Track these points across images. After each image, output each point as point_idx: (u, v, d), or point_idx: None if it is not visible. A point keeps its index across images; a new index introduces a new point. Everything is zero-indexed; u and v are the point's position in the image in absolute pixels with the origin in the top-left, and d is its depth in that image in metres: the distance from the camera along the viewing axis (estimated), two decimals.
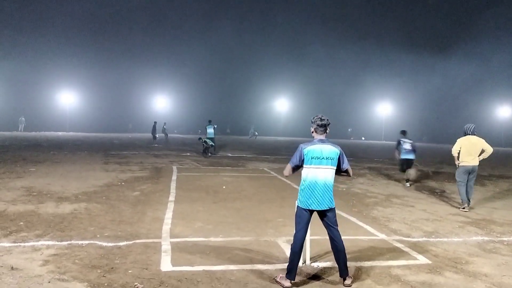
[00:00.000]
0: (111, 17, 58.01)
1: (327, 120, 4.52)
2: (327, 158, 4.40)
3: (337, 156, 4.48)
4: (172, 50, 56.33)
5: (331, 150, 4.43)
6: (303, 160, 4.45)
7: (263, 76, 56.62)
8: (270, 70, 57.25)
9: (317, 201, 4.38)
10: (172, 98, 55.02)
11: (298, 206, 4.53)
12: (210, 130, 21.32)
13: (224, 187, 10.28)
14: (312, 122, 4.54)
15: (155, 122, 28.67)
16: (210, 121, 22.03)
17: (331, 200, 4.44)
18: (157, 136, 29.60)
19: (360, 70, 58.37)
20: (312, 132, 4.56)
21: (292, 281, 4.29)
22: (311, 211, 4.45)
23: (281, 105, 58.36)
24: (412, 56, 55.75)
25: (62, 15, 55.79)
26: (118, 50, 54.98)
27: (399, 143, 12.36)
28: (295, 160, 4.50)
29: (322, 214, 4.48)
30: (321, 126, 4.49)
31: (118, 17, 58.47)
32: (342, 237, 4.56)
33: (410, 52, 56.39)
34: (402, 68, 55.16)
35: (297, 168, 4.57)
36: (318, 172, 4.40)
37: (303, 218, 4.44)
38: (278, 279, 4.35)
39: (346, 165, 4.60)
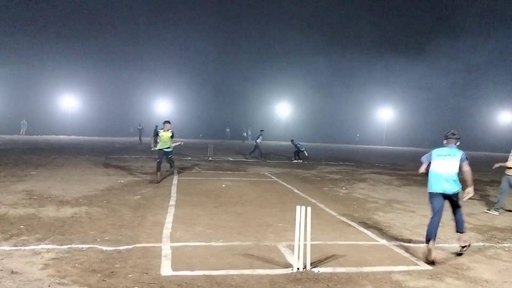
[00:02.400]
0: (114, 21, 58.18)
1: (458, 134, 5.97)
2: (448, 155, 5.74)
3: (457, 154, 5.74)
4: (174, 54, 56.46)
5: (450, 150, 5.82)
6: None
7: (265, 80, 56.69)
8: (271, 75, 57.34)
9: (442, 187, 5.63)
10: (174, 102, 55.10)
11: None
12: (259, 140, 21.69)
13: (223, 185, 10.35)
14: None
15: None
16: (262, 131, 22.33)
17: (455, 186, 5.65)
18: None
19: (361, 75, 58.49)
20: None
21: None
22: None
23: (282, 110, 58.40)
24: (412, 60, 55.87)
25: (65, 19, 56.01)
26: (120, 54, 55.12)
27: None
28: (424, 158, 6.28)
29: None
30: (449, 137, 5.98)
31: (120, 21, 58.65)
32: (343, 242, 4.56)
33: (410, 56, 56.53)
34: (403, 72, 55.20)
35: None
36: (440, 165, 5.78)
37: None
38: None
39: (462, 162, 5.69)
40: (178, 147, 13.02)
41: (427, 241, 5.41)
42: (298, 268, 4.82)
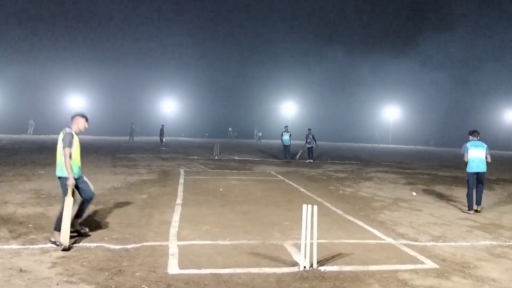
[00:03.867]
0: (119, 21, 58.46)
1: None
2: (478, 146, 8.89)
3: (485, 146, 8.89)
4: (179, 53, 56.65)
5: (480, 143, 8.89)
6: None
7: (270, 79, 56.68)
8: (277, 73, 57.30)
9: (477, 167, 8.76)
10: (180, 101, 55.24)
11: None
12: (286, 137, 20.45)
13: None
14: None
15: (163, 125, 28.87)
16: (286, 127, 21.25)
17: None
18: (164, 139, 29.87)
19: (367, 74, 58.27)
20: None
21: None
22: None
23: (288, 109, 58.35)
24: (418, 59, 55.61)
25: (71, 18, 56.33)
26: (127, 54, 55.38)
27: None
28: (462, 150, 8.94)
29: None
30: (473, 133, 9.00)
31: (126, 21, 58.91)
32: (349, 241, 4.56)
33: (417, 55, 56.27)
34: (409, 71, 54.96)
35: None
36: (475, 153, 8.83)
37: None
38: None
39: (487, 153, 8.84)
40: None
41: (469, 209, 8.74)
42: (304, 267, 4.83)
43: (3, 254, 4.98)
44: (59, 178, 5.65)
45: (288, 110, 57.78)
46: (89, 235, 5.85)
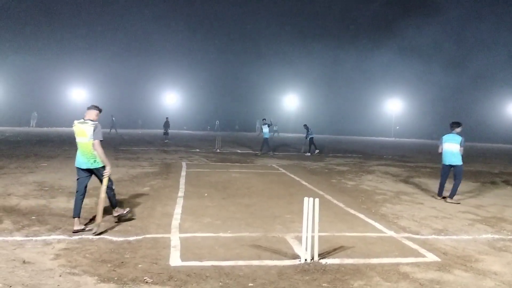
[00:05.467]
0: (122, 13, 58.27)
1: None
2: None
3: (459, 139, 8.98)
4: (182, 46, 56.42)
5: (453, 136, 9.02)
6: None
7: (273, 72, 56.46)
8: (279, 66, 57.13)
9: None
10: (182, 94, 55.22)
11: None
12: (266, 130, 20.15)
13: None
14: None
15: (167, 118, 28.75)
16: (264, 119, 20.95)
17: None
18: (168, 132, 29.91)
19: (369, 66, 58.00)
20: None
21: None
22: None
23: (290, 102, 58.23)
24: (422, 51, 55.31)
25: (74, 11, 56.22)
26: (129, 46, 55.30)
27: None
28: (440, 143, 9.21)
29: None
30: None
31: (129, 13, 58.71)
32: (350, 234, 4.57)
33: (420, 46, 55.95)
34: (412, 63, 54.65)
35: None
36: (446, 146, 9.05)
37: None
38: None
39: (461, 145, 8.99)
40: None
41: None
42: (306, 260, 4.84)
43: (7, 246, 5.01)
44: (96, 169, 6.02)
45: (290, 102, 57.67)
46: (134, 219, 6.49)
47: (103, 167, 5.98)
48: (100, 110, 6.17)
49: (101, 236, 5.57)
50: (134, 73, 52.79)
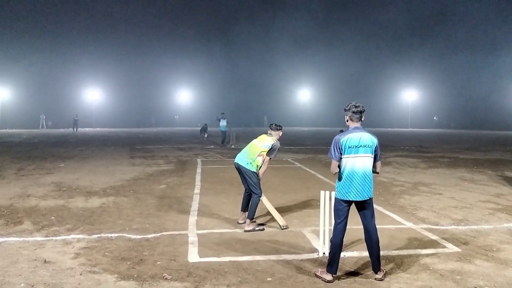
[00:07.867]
0: (134, 14, 58.66)
1: (362, 106, 4.25)
2: (365, 146, 4.13)
3: (374, 145, 4.21)
4: (193, 44, 56.55)
5: (368, 138, 4.18)
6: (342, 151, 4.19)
7: (286, 65, 56.17)
8: (292, 59, 56.80)
9: (356, 191, 4.12)
10: (194, 91, 55.39)
11: (336, 198, 4.30)
12: (223, 123, 22.12)
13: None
14: (346, 110, 4.29)
15: (206, 124, 28.34)
16: (223, 114, 22.70)
17: (370, 190, 4.18)
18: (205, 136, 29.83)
19: (385, 57, 57.37)
20: (347, 120, 4.32)
21: (334, 275, 4.13)
22: (350, 202, 4.23)
23: (304, 95, 57.96)
24: (438, 42, 54.43)
25: (86, 12, 56.75)
26: (141, 46, 55.60)
27: None
28: (335, 154, 4.19)
29: (361, 204, 4.25)
30: (356, 113, 4.22)
31: (141, 14, 59.08)
32: None
33: (437, 37, 55.08)
34: (428, 54, 53.88)
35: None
36: (357, 161, 4.13)
37: (342, 210, 4.24)
38: (318, 274, 4.20)
39: (378, 158, 4.34)
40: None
41: None
42: (324, 253, 4.81)
43: (28, 246, 5.09)
44: (252, 172, 6.23)
45: (304, 97, 57.42)
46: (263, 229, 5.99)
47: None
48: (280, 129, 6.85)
49: (120, 234, 5.61)
50: (146, 72, 53.19)
